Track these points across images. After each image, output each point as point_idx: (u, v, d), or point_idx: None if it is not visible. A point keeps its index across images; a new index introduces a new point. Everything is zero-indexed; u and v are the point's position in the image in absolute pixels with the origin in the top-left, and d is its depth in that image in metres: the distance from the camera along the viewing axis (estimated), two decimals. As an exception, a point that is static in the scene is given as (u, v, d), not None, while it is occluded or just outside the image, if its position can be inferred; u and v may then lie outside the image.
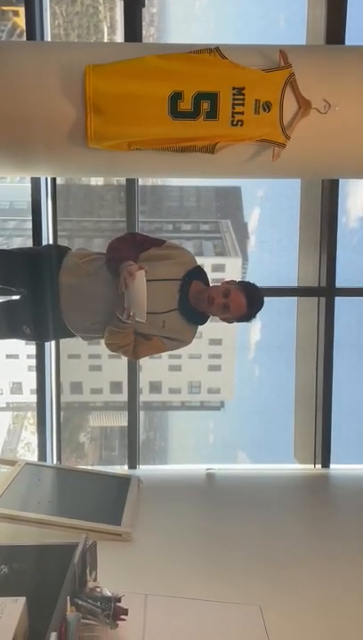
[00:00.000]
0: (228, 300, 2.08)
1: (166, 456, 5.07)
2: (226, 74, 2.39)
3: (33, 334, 2.29)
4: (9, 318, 2.30)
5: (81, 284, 2.14)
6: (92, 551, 1.82)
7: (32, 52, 2.57)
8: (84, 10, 4.32)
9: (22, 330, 2.26)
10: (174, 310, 2.12)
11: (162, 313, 2.10)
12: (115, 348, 2.16)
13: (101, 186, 4.36)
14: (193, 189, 4.73)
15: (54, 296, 2.16)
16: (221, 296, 2.08)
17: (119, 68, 2.38)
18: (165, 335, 2.15)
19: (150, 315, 2.03)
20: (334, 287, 3.41)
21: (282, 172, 2.74)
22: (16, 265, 2.24)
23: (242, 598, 2.01)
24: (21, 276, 2.23)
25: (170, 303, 2.12)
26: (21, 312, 2.25)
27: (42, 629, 1.47)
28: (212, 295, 2.08)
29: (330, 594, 2.15)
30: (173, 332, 2.16)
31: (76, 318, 2.19)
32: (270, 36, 3.51)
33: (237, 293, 2.09)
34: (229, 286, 2.11)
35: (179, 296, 2.12)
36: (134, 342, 2.16)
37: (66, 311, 2.17)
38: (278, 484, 3.19)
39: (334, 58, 2.60)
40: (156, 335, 2.14)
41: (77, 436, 5.02)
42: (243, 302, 2.09)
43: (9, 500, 2.50)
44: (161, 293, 2.09)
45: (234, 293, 2.08)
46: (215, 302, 2.08)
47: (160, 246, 2.16)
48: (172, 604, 1.93)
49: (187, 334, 2.20)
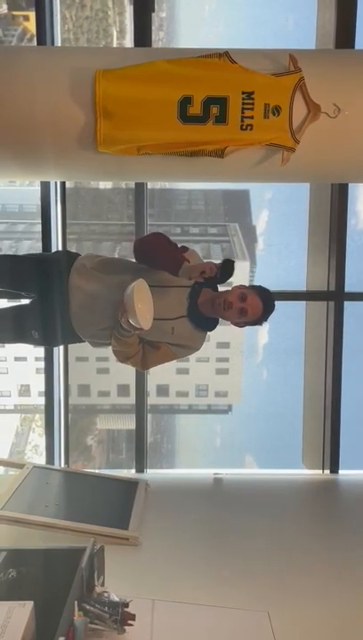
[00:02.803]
0: (245, 304, 2.08)
1: (173, 459, 5.06)
2: (235, 78, 2.39)
3: (42, 339, 2.30)
4: (18, 323, 2.31)
5: (90, 288, 2.14)
6: (99, 555, 1.82)
7: (42, 57, 2.59)
8: (94, 14, 4.35)
9: (31, 334, 2.27)
10: (183, 317, 2.13)
11: (171, 319, 2.11)
12: (122, 358, 2.16)
13: (110, 189, 4.38)
14: (201, 193, 4.73)
15: (64, 301, 2.17)
16: (239, 301, 2.08)
17: (129, 73, 2.39)
18: (175, 342, 2.16)
19: (160, 321, 2.03)
20: (344, 291, 3.39)
21: (291, 177, 2.73)
22: (26, 270, 2.26)
23: (250, 604, 2.00)
24: (31, 281, 2.24)
25: (179, 310, 2.12)
26: (31, 317, 2.26)
27: (49, 634, 1.47)
28: (229, 300, 2.08)
29: (339, 600, 2.14)
30: (183, 338, 2.16)
31: (85, 323, 2.20)
32: (279, 40, 3.50)
33: (254, 297, 2.09)
34: (244, 290, 2.11)
35: (188, 303, 2.13)
36: (143, 352, 2.17)
37: (75, 316, 2.18)
38: (285, 489, 3.17)
39: (343, 62, 2.59)
40: (164, 343, 2.14)
41: (85, 439, 5.03)
42: (260, 306, 2.10)
43: (17, 503, 2.51)
44: (171, 300, 2.10)
45: (251, 297, 2.09)
46: (234, 307, 2.08)
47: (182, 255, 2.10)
48: (179, 609, 1.92)
49: (196, 341, 2.21)
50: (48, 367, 3.49)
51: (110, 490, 2.90)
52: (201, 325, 2.17)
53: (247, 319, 2.12)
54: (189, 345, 2.20)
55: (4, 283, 2.37)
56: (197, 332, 2.18)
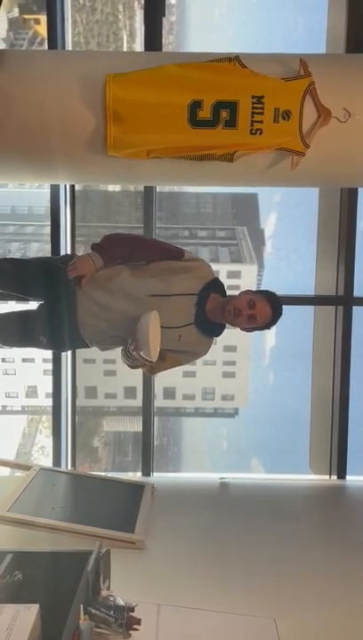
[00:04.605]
0: (254, 311, 2.07)
1: (180, 462, 5.06)
2: (245, 83, 2.38)
3: (49, 344, 2.31)
4: (26, 328, 2.31)
5: (98, 295, 2.14)
6: (105, 559, 1.82)
7: (53, 61, 2.60)
8: (105, 18, 4.37)
9: (39, 340, 2.27)
10: (191, 324, 2.13)
11: (178, 327, 2.11)
12: (131, 367, 2.18)
13: (119, 192, 4.39)
14: (209, 196, 4.73)
15: (71, 307, 2.17)
16: (248, 308, 2.07)
17: (139, 77, 2.40)
18: (181, 349, 2.16)
19: (167, 329, 2.04)
20: (352, 296, 3.38)
21: (301, 181, 2.73)
22: (33, 275, 2.25)
23: (256, 610, 1.99)
24: (39, 286, 2.24)
25: (186, 317, 2.12)
26: (39, 322, 2.26)
27: (55, 637, 1.47)
28: (238, 307, 2.07)
29: (345, 607, 2.12)
30: (189, 345, 2.16)
31: (92, 330, 2.20)
32: (289, 44, 3.50)
33: (264, 304, 2.08)
34: (252, 297, 2.10)
35: (195, 310, 2.12)
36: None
37: (82, 323, 2.18)
38: (292, 494, 3.16)
39: (354, 66, 2.59)
40: (171, 351, 2.14)
41: (91, 441, 5.04)
42: (269, 312, 2.09)
43: (23, 505, 2.51)
44: (178, 308, 2.09)
45: (260, 304, 2.08)
46: (243, 314, 2.07)
47: (179, 259, 2.15)
48: (185, 614, 1.91)
49: (202, 347, 2.21)
50: (56, 369, 3.50)
51: (117, 493, 2.90)
52: (208, 332, 2.17)
53: (256, 325, 2.12)
54: (196, 351, 2.20)
55: (10, 288, 2.38)
56: (204, 337, 2.18)
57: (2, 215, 5.53)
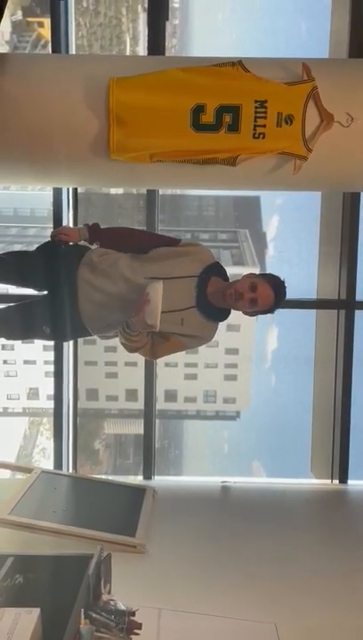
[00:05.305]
0: (256, 294, 2.06)
1: (181, 465, 5.06)
2: (248, 87, 2.39)
3: (52, 334, 2.31)
4: (29, 318, 2.32)
5: (98, 281, 2.15)
6: (106, 563, 1.82)
7: (56, 65, 2.61)
8: (108, 21, 4.39)
9: (42, 330, 2.28)
10: (192, 307, 2.11)
11: (180, 310, 2.09)
12: (131, 349, 2.16)
13: (121, 194, 4.40)
14: (212, 199, 4.74)
15: (73, 295, 2.17)
16: (249, 291, 2.06)
17: (142, 81, 2.40)
18: (185, 333, 2.13)
19: (169, 313, 2.03)
20: (355, 300, 3.37)
21: (303, 185, 2.73)
22: (35, 265, 2.26)
23: (257, 615, 1.99)
24: (40, 276, 2.25)
25: (188, 300, 2.10)
26: (41, 312, 2.27)
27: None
28: (239, 290, 2.06)
29: (347, 612, 2.11)
30: (193, 328, 2.14)
31: (93, 317, 2.20)
32: (292, 48, 3.51)
33: (265, 287, 2.06)
34: (254, 280, 2.08)
35: (196, 293, 2.11)
36: (152, 342, 2.16)
37: (84, 309, 2.18)
38: (293, 498, 3.15)
39: (357, 71, 2.59)
40: (174, 334, 2.13)
41: (92, 443, 5.04)
42: (271, 295, 2.07)
43: (24, 508, 2.51)
44: (178, 291, 2.08)
45: (262, 287, 2.06)
46: (244, 297, 2.05)
47: (176, 245, 2.17)
48: (186, 619, 1.91)
49: (207, 331, 2.18)
50: (58, 370, 3.50)
51: (118, 496, 2.89)
52: (211, 316, 2.15)
53: (258, 309, 2.10)
54: (200, 335, 2.17)
55: (12, 279, 2.40)
56: (208, 322, 2.16)
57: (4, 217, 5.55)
